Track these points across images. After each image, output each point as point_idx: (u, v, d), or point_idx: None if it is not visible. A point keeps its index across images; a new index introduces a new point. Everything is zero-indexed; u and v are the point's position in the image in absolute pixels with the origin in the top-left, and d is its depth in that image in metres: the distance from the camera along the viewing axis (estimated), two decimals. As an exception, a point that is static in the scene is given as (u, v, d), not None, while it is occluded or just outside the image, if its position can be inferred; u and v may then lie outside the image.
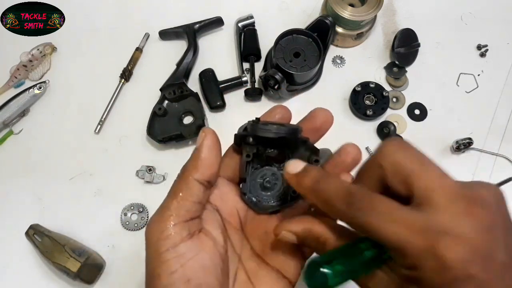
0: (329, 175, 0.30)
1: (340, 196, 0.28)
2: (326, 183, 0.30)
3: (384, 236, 0.26)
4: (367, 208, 0.27)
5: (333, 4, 0.71)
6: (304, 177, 0.31)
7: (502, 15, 0.79)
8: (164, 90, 0.69)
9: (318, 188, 0.30)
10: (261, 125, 0.34)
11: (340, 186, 0.29)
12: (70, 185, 0.67)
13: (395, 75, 0.74)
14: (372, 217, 0.26)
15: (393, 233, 0.26)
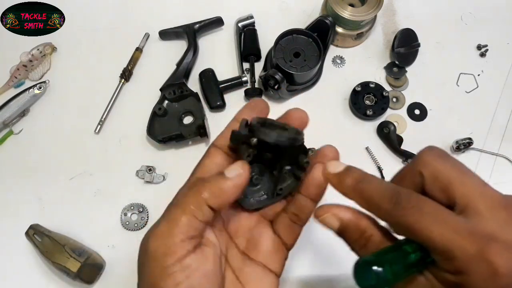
0: (371, 175, 0.31)
1: (386, 195, 0.28)
2: (370, 182, 0.30)
3: (431, 238, 0.25)
4: (414, 207, 0.27)
5: (333, 4, 0.71)
6: (347, 176, 0.31)
7: (502, 15, 0.79)
8: (164, 90, 0.69)
9: (362, 187, 0.30)
10: (267, 130, 0.33)
11: (385, 186, 0.29)
12: (70, 185, 0.67)
13: (395, 75, 0.74)
14: (420, 217, 0.26)
15: (441, 235, 0.25)
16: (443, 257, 0.25)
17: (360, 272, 0.25)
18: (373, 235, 0.30)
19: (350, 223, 0.30)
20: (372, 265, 0.25)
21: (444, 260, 0.25)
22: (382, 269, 0.24)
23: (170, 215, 0.31)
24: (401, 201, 0.27)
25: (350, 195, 0.30)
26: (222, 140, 0.35)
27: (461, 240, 0.25)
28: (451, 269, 0.25)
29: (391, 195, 0.28)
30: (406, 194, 0.28)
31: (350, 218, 0.30)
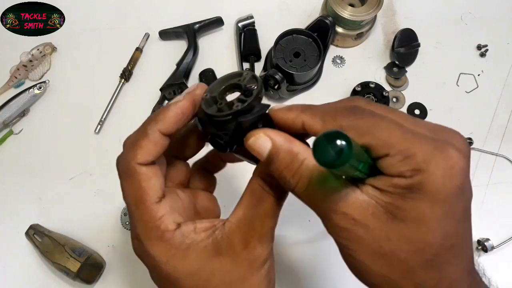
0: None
1: (340, 107, 0.28)
2: (318, 105, 0.30)
3: (391, 137, 0.25)
4: (372, 112, 0.27)
5: (333, 4, 0.71)
6: (293, 106, 0.31)
7: (502, 15, 0.79)
8: (164, 90, 0.69)
9: (313, 107, 0.29)
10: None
11: (339, 102, 0.29)
12: (70, 185, 0.67)
13: (395, 75, 0.74)
14: (379, 120, 0.26)
15: (401, 136, 0.25)
16: (400, 156, 0.25)
17: (321, 145, 0.22)
18: (307, 159, 0.28)
19: (282, 146, 0.28)
20: (335, 139, 0.22)
21: (400, 160, 0.25)
22: (345, 143, 0.22)
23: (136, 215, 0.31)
24: (356, 110, 0.27)
25: (300, 118, 0.29)
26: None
27: (420, 139, 0.25)
28: (407, 169, 0.24)
29: (344, 107, 0.28)
30: (362, 104, 0.28)
31: (283, 139, 0.28)
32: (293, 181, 0.28)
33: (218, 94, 0.32)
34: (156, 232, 0.29)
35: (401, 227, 0.25)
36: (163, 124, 0.30)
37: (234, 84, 0.32)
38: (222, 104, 0.31)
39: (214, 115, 0.30)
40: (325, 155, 0.22)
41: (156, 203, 0.30)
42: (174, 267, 0.29)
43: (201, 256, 0.29)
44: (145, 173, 0.30)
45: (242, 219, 0.30)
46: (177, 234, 0.29)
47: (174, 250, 0.29)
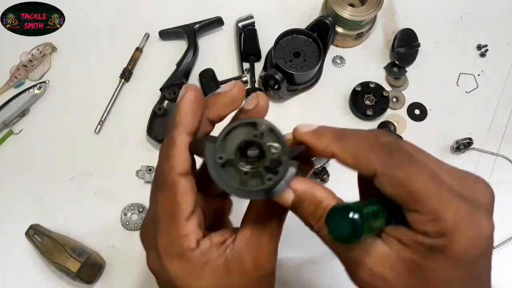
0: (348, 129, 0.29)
1: (375, 146, 0.26)
2: (352, 132, 0.28)
3: (425, 195, 0.24)
4: (410, 161, 0.25)
5: (333, 4, 0.71)
6: (324, 130, 0.28)
7: (502, 15, 0.79)
8: (164, 90, 0.69)
9: (345, 138, 0.28)
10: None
11: (368, 136, 0.27)
12: (70, 185, 0.67)
13: (395, 75, 0.74)
14: (417, 171, 0.25)
15: (436, 194, 0.24)
16: (430, 216, 0.24)
17: (334, 219, 0.22)
18: (330, 205, 0.28)
19: (305, 194, 0.28)
20: (348, 212, 0.22)
21: (429, 220, 0.24)
22: (358, 216, 0.22)
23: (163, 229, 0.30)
24: (394, 152, 0.26)
25: (331, 149, 0.28)
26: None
27: (454, 201, 0.24)
28: (434, 230, 0.24)
29: (381, 146, 0.26)
30: (397, 145, 0.26)
31: (305, 188, 0.28)
32: (317, 227, 0.28)
33: (234, 156, 0.28)
34: (178, 249, 0.29)
35: (419, 284, 0.26)
36: (183, 124, 0.29)
37: (251, 142, 0.28)
38: (248, 175, 0.28)
39: (243, 190, 0.28)
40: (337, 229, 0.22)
41: (186, 220, 0.29)
42: (188, 285, 0.29)
43: (214, 275, 0.29)
44: (183, 187, 0.29)
45: (251, 239, 0.30)
46: (196, 252, 0.29)
47: (191, 269, 0.29)
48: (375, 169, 0.26)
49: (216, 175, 0.28)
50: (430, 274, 0.25)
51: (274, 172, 0.27)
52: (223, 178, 0.28)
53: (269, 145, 0.27)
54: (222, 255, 0.30)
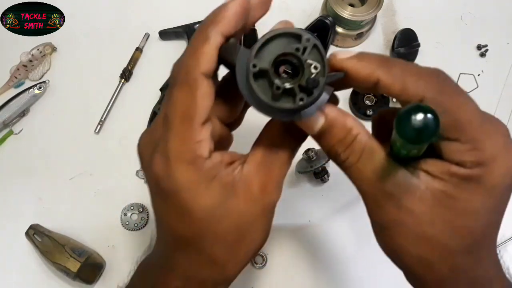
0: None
1: (424, 72, 0.26)
2: (397, 59, 0.27)
3: (470, 124, 0.25)
4: (459, 95, 0.26)
5: (333, 4, 0.71)
6: (368, 56, 0.27)
7: (502, 15, 0.79)
8: (164, 90, 0.69)
9: (390, 63, 0.26)
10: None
11: (416, 65, 0.27)
12: (70, 185, 0.67)
13: (395, 75, 0.73)
14: (464, 105, 0.25)
15: (478, 125, 0.25)
16: (470, 145, 0.25)
17: (405, 119, 0.20)
18: (360, 134, 0.27)
19: (336, 120, 0.27)
20: (419, 111, 0.21)
21: (468, 150, 0.25)
22: (432, 116, 0.20)
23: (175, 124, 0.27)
24: (443, 80, 0.26)
25: (376, 75, 0.26)
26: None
27: (495, 133, 0.25)
28: (472, 160, 0.24)
29: (429, 72, 0.26)
30: (444, 73, 0.26)
31: (337, 114, 0.27)
32: (344, 155, 0.28)
33: (269, 67, 0.26)
34: (190, 154, 0.27)
35: (447, 213, 0.26)
36: (224, 25, 0.27)
37: (291, 54, 0.26)
38: (280, 90, 0.25)
39: (272, 106, 0.26)
40: (409, 130, 0.21)
41: (201, 125, 0.27)
42: (193, 197, 0.27)
43: (221, 192, 0.28)
44: (205, 88, 0.26)
45: (261, 163, 0.29)
46: (208, 163, 0.27)
47: (200, 179, 0.27)
48: (422, 95, 0.25)
49: (246, 86, 0.26)
50: (460, 204, 0.25)
51: (308, 92, 0.25)
52: (253, 89, 0.26)
53: (310, 63, 0.25)
54: (231, 174, 0.28)
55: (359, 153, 0.27)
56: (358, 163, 0.27)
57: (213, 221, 0.28)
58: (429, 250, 0.26)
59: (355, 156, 0.27)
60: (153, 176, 0.28)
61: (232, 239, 0.29)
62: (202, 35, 0.27)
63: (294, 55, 0.26)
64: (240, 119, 0.35)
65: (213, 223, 0.28)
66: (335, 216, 0.63)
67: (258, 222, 0.30)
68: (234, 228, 0.29)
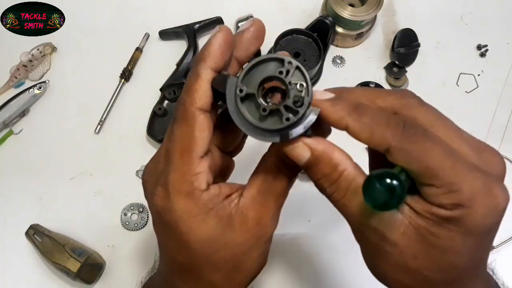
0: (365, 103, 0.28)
1: (391, 121, 0.26)
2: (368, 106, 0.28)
3: (440, 168, 0.25)
4: (424, 135, 0.25)
5: (333, 4, 0.71)
6: (341, 101, 0.28)
7: (502, 15, 0.79)
8: (164, 90, 0.69)
9: (361, 112, 0.27)
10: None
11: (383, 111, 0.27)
12: (70, 185, 0.67)
13: (395, 75, 0.74)
14: (431, 145, 0.25)
15: (451, 167, 0.25)
16: (446, 189, 0.25)
17: (371, 187, 0.21)
18: (347, 170, 0.27)
19: (322, 155, 0.28)
20: (385, 178, 0.21)
21: (444, 193, 0.25)
22: (397, 183, 0.21)
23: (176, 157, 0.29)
24: (409, 128, 0.26)
25: (345, 121, 0.27)
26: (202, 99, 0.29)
27: (470, 173, 0.25)
28: (450, 203, 0.25)
29: (396, 122, 0.26)
30: (411, 121, 0.26)
31: (323, 149, 0.28)
32: (330, 190, 0.28)
33: (256, 91, 0.28)
34: (188, 187, 0.28)
35: (429, 250, 0.26)
36: (211, 60, 0.28)
37: (275, 77, 0.28)
38: (266, 111, 0.27)
39: (259, 127, 0.27)
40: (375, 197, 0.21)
41: (200, 158, 0.28)
42: (190, 228, 0.29)
43: (217, 225, 0.29)
44: (202, 122, 0.28)
45: (256, 197, 0.30)
46: (205, 195, 0.29)
47: (197, 211, 0.28)
48: (389, 144, 0.26)
49: (234, 109, 0.28)
50: (442, 242, 0.25)
51: (294, 112, 0.27)
52: (241, 112, 0.27)
53: (294, 84, 0.27)
54: (227, 207, 0.30)
55: (344, 190, 0.28)
56: (343, 199, 0.28)
57: (209, 252, 0.29)
58: (411, 280, 0.27)
59: (340, 193, 0.28)
60: (155, 206, 0.30)
61: (229, 268, 0.30)
62: (194, 73, 0.29)
63: (278, 78, 0.27)
64: (240, 145, 0.36)
65: (210, 254, 0.30)
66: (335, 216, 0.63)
67: (254, 253, 0.31)
68: (230, 258, 0.30)
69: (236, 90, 0.27)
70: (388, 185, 0.21)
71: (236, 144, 0.34)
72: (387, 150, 0.26)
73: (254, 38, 0.30)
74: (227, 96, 0.28)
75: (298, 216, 0.63)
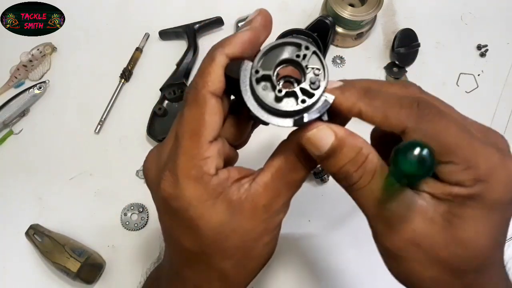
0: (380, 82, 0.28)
1: (404, 101, 0.26)
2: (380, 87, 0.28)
3: (458, 145, 0.25)
4: (440, 113, 0.25)
5: (333, 4, 0.71)
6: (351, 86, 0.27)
7: (502, 15, 0.79)
8: (164, 90, 0.69)
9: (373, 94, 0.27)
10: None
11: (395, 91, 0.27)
12: (70, 185, 0.67)
13: (395, 75, 0.74)
14: (447, 123, 0.25)
15: (468, 143, 0.25)
16: (464, 165, 0.25)
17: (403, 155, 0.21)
18: (371, 153, 0.27)
19: (347, 138, 0.27)
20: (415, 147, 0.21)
21: (463, 169, 0.25)
22: (427, 151, 0.21)
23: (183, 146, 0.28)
24: (423, 107, 0.25)
25: (357, 107, 0.27)
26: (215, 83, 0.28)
27: (486, 148, 0.25)
28: (469, 178, 0.25)
29: (410, 102, 0.26)
30: (425, 100, 0.26)
31: (345, 133, 0.27)
32: (357, 176, 0.27)
33: (272, 72, 0.27)
34: (197, 171, 0.27)
35: (457, 234, 0.26)
36: (230, 48, 0.28)
37: (292, 61, 0.28)
38: (282, 93, 0.27)
39: (273, 108, 0.27)
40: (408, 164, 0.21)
41: (209, 142, 0.28)
42: (201, 214, 0.28)
43: (227, 210, 0.28)
44: (213, 106, 0.28)
45: (270, 184, 0.29)
46: (214, 180, 0.28)
47: (207, 196, 0.28)
48: (404, 126, 0.25)
49: (249, 90, 0.27)
50: (468, 222, 0.25)
51: (309, 95, 0.27)
52: (256, 93, 0.27)
53: (311, 67, 0.27)
54: (237, 192, 0.29)
55: (371, 173, 0.27)
56: (370, 184, 0.27)
57: (220, 238, 0.29)
58: (442, 272, 0.27)
59: (367, 176, 0.27)
60: (161, 192, 0.29)
61: (240, 255, 0.30)
62: (209, 57, 0.28)
63: (295, 61, 0.27)
64: (246, 139, 0.35)
65: (220, 240, 0.29)
66: (335, 216, 0.63)
67: (263, 239, 0.30)
68: (240, 244, 0.29)
69: (252, 71, 0.27)
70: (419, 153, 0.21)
71: (244, 138, 0.34)
72: (403, 132, 0.26)
73: (262, 27, 0.30)
74: (241, 80, 0.27)
75: (298, 216, 0.63)
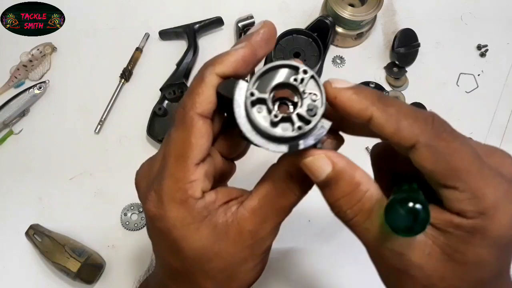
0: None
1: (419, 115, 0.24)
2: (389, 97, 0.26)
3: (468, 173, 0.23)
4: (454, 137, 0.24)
5: (333, 4, 0.71)
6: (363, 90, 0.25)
7: (502, 15, 0.79)
8: (164, 90, 0.69)
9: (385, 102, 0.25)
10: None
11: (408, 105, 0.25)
12: (70, 185, 0.67)
13: (395, 75, 0.74)
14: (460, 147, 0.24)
15: (478, 172, 0.23)
16: (470, 194, 0.23)
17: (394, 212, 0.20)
18: (370, 190, 0.25)
19: (345, 171, 0.25)
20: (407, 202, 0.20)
21: (468, 198, 0.23)
22: (421, 207, 0.20)
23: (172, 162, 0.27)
24: (438, 125, 0.24)
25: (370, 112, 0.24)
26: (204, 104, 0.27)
27: (494, 179, 0.24)
28: (473, 210, 0.23)
29: (425, 116, 0.24)
30: (439, 117, 0.25)
31: (345, 165, 0.25)
32: (351, 213, 0.26)
33: (268, 96, 0.26)
34: (182, 194, 0.27)
35: (456, 267, 0.25)
36: (221, 67, 0.27)
37: (289, 85, 0.27)
38: (278, 118, 0.25)
39: (268, 134, 0.26)
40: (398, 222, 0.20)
41: (195, 165, 0.27)
42: (184, 236, 0.27)
43: (211, 234, 0.28)
44: (200, 129, 0.27)
45: (257, 210, 0.28)
46: (199, 203, 0.27)
47: (191, 220, 0.27)
48: (416, 140, 0.24)
49: (243, 113, 0.26)
50: (468, 258, 0.24)
51: (306, 121, 0.25)
52: (251, 117, 0.25)
53: (308, 93, 0.26)
54: (223, 215, 0.28)
55: (367, 212, 0.25)
56: (365, 224, 0.26)
57: (203, 260, 0.28)
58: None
59: (363, 216, 0.25)
60: (147, 212, 0.29)
61: (222, 277, 0.29)
62: (199, 76, 0.28)
63: (292, 85, 0.26)
64: (244, 150, 0.34)
65: (203, 262, 0.28)
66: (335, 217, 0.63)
67: (249, 263, 0.30)
68: (223, 267, 0.29)
69: (248, 93, 0.26)
70: (412, 209, 0.20)
71: (239, 152, 0.33)
72: (413, 146, 0.24)
73: (264, 41, 0.28)
74: (235, 101, 0.26)
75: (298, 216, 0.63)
